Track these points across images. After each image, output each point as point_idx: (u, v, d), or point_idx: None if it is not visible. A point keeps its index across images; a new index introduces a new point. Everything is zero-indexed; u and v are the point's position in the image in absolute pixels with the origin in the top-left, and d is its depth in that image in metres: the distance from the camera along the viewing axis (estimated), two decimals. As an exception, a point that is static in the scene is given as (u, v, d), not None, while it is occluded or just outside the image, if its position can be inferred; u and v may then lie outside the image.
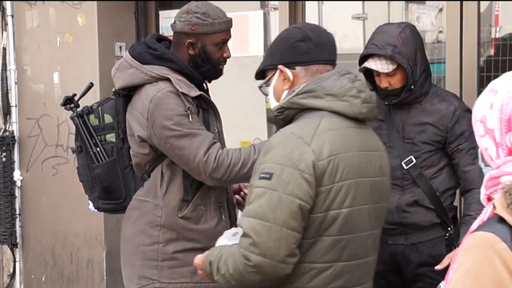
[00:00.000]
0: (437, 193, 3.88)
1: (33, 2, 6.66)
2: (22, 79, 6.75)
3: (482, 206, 3.76)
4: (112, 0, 6.33)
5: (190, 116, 3.49)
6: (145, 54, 3.62)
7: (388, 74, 3.83)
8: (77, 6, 6.40)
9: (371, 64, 3.82)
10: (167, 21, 6.49)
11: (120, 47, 6.40)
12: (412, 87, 3.83)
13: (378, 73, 3.86)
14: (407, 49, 3.80)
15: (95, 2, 6.28)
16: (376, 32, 3.90)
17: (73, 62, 6.46)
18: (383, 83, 3.85)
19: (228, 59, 3.73)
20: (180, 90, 3.50)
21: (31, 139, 6.76)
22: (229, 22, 3.67)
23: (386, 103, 3.91)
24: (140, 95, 3.58)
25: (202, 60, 3.64)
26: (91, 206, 3.89)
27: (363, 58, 3.88)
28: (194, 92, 3.57)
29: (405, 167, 3.90)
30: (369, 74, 3.94)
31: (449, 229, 3.91)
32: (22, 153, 6.80)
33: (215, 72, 3.71)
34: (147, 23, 6.57)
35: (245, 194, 3.83)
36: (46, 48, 6.62)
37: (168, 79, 3.53)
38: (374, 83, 3.92)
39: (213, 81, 3.80)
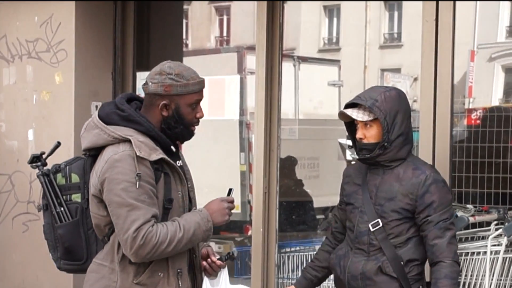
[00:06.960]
0: (401, 262, 3.87)
1: (11, 59, 6.68)
2: (-4, 135, 6.75)
3: (451, 281, 3.77)
4: (89, 59, 6.36)
5: (137, 184, 3.45)
6: (113, 114, 3.60)
7: (365, 125, 3.86)
8: (55, 65, 6.42)
9: (348, 110, 3.86)
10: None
11: (96, 106, 6.40)
12: (386, 144, 3.84)
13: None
14: (387, 105, 3.84)
15: (73, 61, 6.31)
16: (366, 89, 3.97)
17: (48, 120, 6.46)
18: (358, 134, 3.89)
19: (203, 122, 3.71)
20: (138, 154, 3.46)
21: (2, 194, 6.72)
22: (202, 83, 3.65)
23: (359, 157, 3.92)
24: (102, 155, 3.56)
25: (175, 121, 3.61)
26: (60, 264, 3.87)
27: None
28: (156, 155, 3.52)
29: (372, 229, 3.90)
30: (353, 128, 3.97)
31: None
32: (-7, 209, 6.75)
33: (188, 133, 3.68)
34: (124, 83, 6.60)
35: (212, 261, 3.78)
36: (22, 105, 6.63)
37: (129, 141, 3.50)
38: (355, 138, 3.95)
39: (188, 143, 3.79)
